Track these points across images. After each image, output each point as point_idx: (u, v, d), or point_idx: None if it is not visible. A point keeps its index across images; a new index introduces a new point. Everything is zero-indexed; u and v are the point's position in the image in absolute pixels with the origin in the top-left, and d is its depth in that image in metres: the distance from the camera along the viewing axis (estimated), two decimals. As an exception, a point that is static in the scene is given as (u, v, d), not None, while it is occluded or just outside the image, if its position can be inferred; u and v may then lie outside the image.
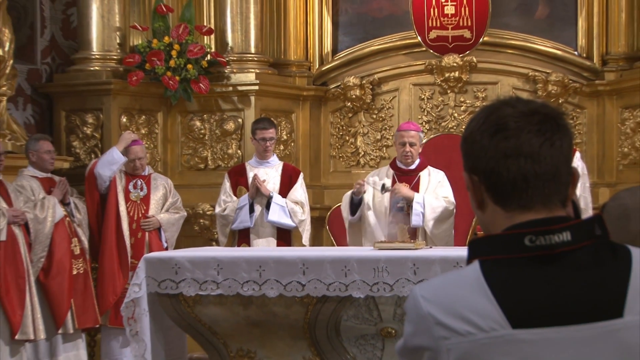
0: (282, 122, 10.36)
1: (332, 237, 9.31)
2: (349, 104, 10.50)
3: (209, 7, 10.39)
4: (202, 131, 10.20)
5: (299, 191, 8.78)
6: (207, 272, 6.44)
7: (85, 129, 9.94)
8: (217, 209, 8.79)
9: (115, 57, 10.01)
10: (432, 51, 10.27)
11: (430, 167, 8.32)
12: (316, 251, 7.20)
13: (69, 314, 8.84)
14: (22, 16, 10.16)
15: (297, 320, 6.48)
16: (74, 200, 9.08)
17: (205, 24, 10.25)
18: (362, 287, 6.33)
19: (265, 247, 8.47)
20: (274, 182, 8.77)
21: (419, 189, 8.18)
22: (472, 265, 1.96)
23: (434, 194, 8.15)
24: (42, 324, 8.58)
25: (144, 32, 10.11)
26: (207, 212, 9.93)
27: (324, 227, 9.66)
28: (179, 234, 9.31)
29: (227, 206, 8.70)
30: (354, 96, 10.45)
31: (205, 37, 10.18)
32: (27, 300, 8.48)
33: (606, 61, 10.21)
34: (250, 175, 8.73)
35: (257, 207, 8.66)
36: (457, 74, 10.27)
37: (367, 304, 6.45)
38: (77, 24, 10.25)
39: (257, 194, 8.65)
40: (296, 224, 8.67)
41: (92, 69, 9.98)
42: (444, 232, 8.01)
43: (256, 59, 10.24)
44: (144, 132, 9.97)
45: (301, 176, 8.91)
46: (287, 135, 10.42)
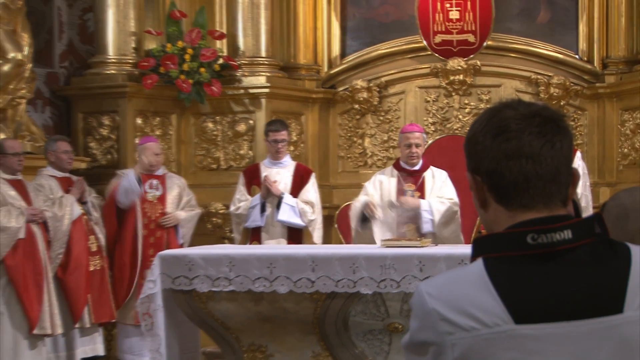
0: (292, 124, 10.36)
1: (340, 235, 9.31)
2: (357, 106, 10.50)
3: (221, 12, 10.39)
4: (215, 132, 10.21)
5: (310, 191, 8.78)
6: (220, 269, 6.45)
7: (101, 130, 9.95)
8: (231, 208, 8.82)
9: (130, 61, 10.02)
10: (437, 55, 10.26)
11: (433, 167, 8.32)
12: (325, 249, 7.21)
13: (85, 309, 8.86)
14: (40, 21, 10.18)
15: (307, 315, 6.48)
16: (91, 199, 9.10)
17: (217, 29, 10.26)
18: (370, 283, 6.34)
19: (275, 245, 8.47)
20: (286, 182, 8.77)
21: (424, 189, 8.17)
22: (476, 262, 1.96)
23: (440, 194, 8.15)
24: (59, 319, 8.60)
25: (158, 37, 10.13)
26: (220, 211, 9.94)
27: (333, 225, 9.66)
28: (192, 233, 9.34)
29: (241, 205, 8.72)
30: (362, 98, 10.44)
31: (217, 41, 10.19)
32: (45, 296, 8.50)
33: (606, 64, 10.19)
34: (263, 175, 8.74)
35: (268, 206, 8.67)
36: (461, 77, 10.26)
37: (374, 300, 6.45)
38: (93, 29, 10.27)
39: (268, 194, 8.65)
40: (306, 223, 8.67)
41: (108, 72, 10.00)
42: (452, 233, 8.04)
43: (267, 62, 10.25)
44: (158, 133, 9.98)
45: (313, 176, 8.90)
46: (297, 136, 10.42)
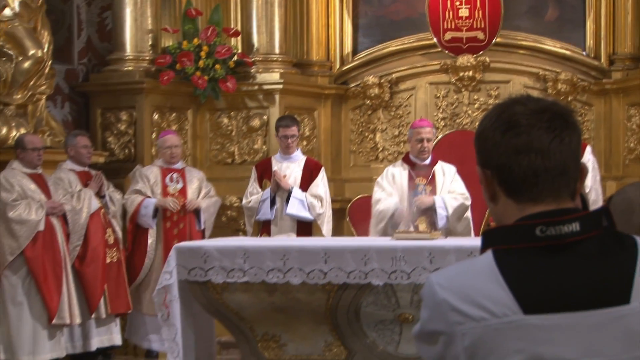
0: (305, 119, 10.36)
1: (352, 228, 9.31)
2: (368, 101, 10.49)
3: (235, 10, 10.39)
4: (230, 127, 10.22)
5: (319, 185, 8.78)
6: (234, 261, 6.46)
7: (119, 125, 9.97)
8: (244, 201, 8.86)
9: (147, 58, 10.03)
10: (447, 52, 10.25)
11: (441, 162, 8.32)
12: (337, 241, 7.21)
13: (102, 300, 8.88)
14: (60, 19, 10.20)
15: (319, 306, 6.49)
16: (109, 193, 9.12)
17: (232, 27, 10.26)
18: (381, 275, 6.34)
19: (284, 237, 8.49)
20: (296, 176, 8.78)
21: (435, 183, 8.18)
22: (486, 254, 1.96)
23: (451, 188, 8.16)
24: (78, 310, 8.62)
25: (174, 34, 10.13)
26: (234, 204, 9.95)
27: (345, 218, 9.66)
28: (213, 220, 9.35)
29: (252, 198, 8.74)
30: (373, 94, 10.44)
31: (232, 38, 10.19)
32: (64, 286, 8.52)
33: (613, 61, 10.17)
34: (274, 169, 8.75)
35: (278, 200, 8.69)
36: (471, 74, 10.24)
37: (385, 291, 6.45)
38: (111, 26, 10.28)
39: (278, 187, 8.67)
40: (314, 217, 8.68)
41: (125, 69, 10.01)
42: (465, 227, 8.05)
43: (280, 59, 10.25)
44: (174, 128, 10.00)
45: (322, 171, 8.90)
46: (310, 131, 10.42)
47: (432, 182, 8.20)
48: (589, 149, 8.44)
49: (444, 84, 10.40)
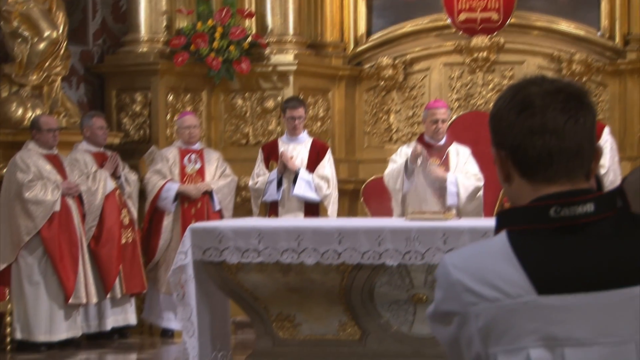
0: (319, 100, 10.36)
1: (366, 209, 9.32)
2: (383, 83, 10.47)
3: (250, -9, 10.38)
4: (244, 109, 10.22)
5: (326, 167, 8.81)
6: (249, 241, 6.46)
7: (134, 106, 9.99)
8: (250, 182, 8.88)
9: (162, 39, 10.04)
10: (461, 32, 10.22)
11: (456, 143, 8.31)
12: (351, 221, 7.22)
13: (117, 280, 8.92)
14: (74, 1, 10.20)
15: (334, 286, 6.50)
16: (124, 173, 9.15)
17: (246, 8, 10.24)
18: (395, 255, 6.34)
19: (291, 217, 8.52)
20: (302, 157, 8.80)
21: (449, 164, 8.17)
22: (500, 235, 1.96)
23: (464, 170, 8.15)
24: (93, 290, 8.66)
25: (189, 16, 10.13)
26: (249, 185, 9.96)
27: (359, 199, 9.66)
28: (231, 199, 9.36)
29: (259, 179, 8.77)
30: (387, 75, 10.42)
31: (246, 20, 10.18)
32: (80, 267, 8.56)
33: (628, 41, 10.12)
34: (280, 150, 8.77)
35: (285, 181, 8.71)
36: (485, 54, 10.21)
37: (399, 272, 6.45)
38: (126, 8, 10.28)
39: (285, 169, 8.69)
40: (321, 198, 8.71)
41: (140, 50, 10.02)
42: (475, 208, 8.04)
43: (294, 40, 10.24)
44: (189, 109, 10.01)
45: (329, 152, 8.92)
46: (324, 112, 10.41)
47: (445, 162, 8.19)
48: (607, 130, 8.42)
49: (458, 64, 10.38)
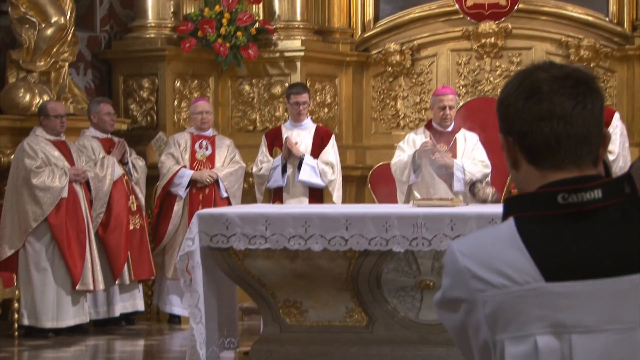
0: (326, 87, 10.35)
1: (373, 195, 9.32)
2: (390, 68, 10.45)
3: (257, -23, 10.35)
4: (251, 95, 10.22)
5: (330, 152, 8.83)
6: (256, 228, 6.47)
7: (141, 92, 9.99)
8: (254, 169, 8.91)
9: (169, 25, 10.03)
10: (469, 18, 10.19)
11: (464, 130, 8.31)
12: (358, 208, 7.22)
13: (125, 266, 8.93)
14: (82, -14, 10.19)
15: (341, 272, 6.50)
16: (132, 160, 9.15)
17: (253, -7, 10.22)
18: (402, 241, 6.34)
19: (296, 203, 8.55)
20: (307, 143, 8.82)
21: (456, 150, 8.18)
22: (507, 221, 1.95)
23: (471, 156, 8.15)
24: (101, 276, 8.67)
25: (196, 2, 10.12)
26: (256, 171, 9.97)
27: (366, 185, 9.66)
28: (238, 186, 9.35)
29: (263, 166, 8.80)
30: (395, 61, 10.39)
31: (254, 5, 10.16)
32: (87, 253, 8.57)
33: (636, 27, 10.09)
34: (285, 137, 8.78)
35: (289, 167, 8.73)
36: (492, 40, 10.18)
37: (406, 258, 6.45)
38: (133, -7, 10.27)
39: (290, 155, 8.71)
40: (326, 183, 8.73)
41: (147, 36, 10.02)
42: None
43: (302, 26, 10.22)
44: (196, 95, 10.01)
45: (332, 138, 8.95)
46: (331, 98, 10.40)
47: (453, 149, 8.19)
48: (617, 116, 8.40)
49: (465, 50, 10.35)
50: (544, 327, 1.88)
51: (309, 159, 8.72)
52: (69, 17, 9.28)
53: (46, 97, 9.07)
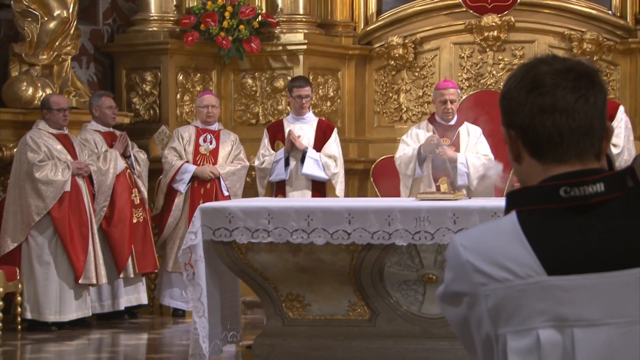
0: (329, 80, 10.34)
1: (376, 189, 9.31)
2: (393, 62, 10.44)
3: (259, -30, 10.35)
4: (254, 88, 10.21)
5: (333, 146, 8.84)
6: (259, 221, 6.47)
7: (144, 86, 9.99)
8: (256, 162, 8.91)
9: (172, 19, 10.03)
10: (471, 11, 10.18)
11: (467, 123, 8.31)
12: (361, 201, 7.21)
13: (129, 260, 8.94)
14: (84, -20, 10.18)
15: (343, 266, 6.50)
16: (134, 153, 9.15)
17: (256, -13, 10.22)
18: (405, 235, 6.33)
19: (303, 198, 8.55)
20: (309, 137, 8.83)
21: (459, 144, 8.17)
22: (510, 215, 1.95)
23: (474, 150, 8.15)
24: (103, 270, 8.68)
25: (198, -5, 10.11)
26: (259, 165, 9.96)
27: (369, 179, 9.66)
28: (240, 185, 9.36)
29: (265, 159, 8.80)
30: (397, 55, 10.38)
31: (256, -1, 10.16)
32: (90, 247, 8.57)
33: (639, 20, 10.07)
34: (287, 130, 8.79)
35: (292, 160, 8.74)
36: (495, 33, 10.17)
37: (409, 252, 6.45)
38: (136, -13, 10.27)
39: (292, 148, 8.71)
40: (329, 176, 8.74)
41: (150, 29, 10.01)
42: (486, 188, 8.04)
43: (304, 19, 10.21)
44: (199, 89, 10.01)
45: (335, 131, 8.96)
46: (334, 92, 10.39)
47: (456, 142, 8.18)
48: (621, 109, 8.39)
49: (468, 44, 10.34)
50: (546, 320, 1.88)
51: (312, 152, 8.73)
52: (71, 10, 9.27)
53: (49, 91, 9.06)
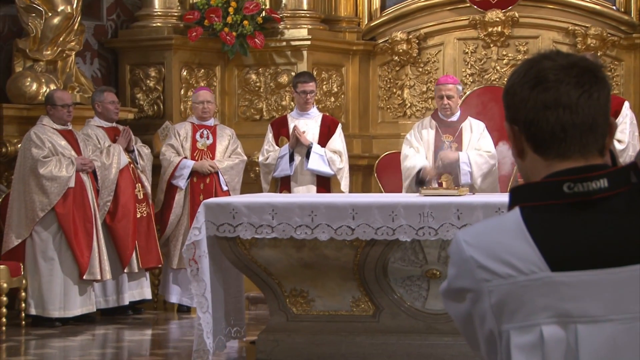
0: (333, 76, 10.33)
1: (379, 184, 9.31)
2: (396, 57, 10.43)
3: (263, -34, 10.34)
4: (258, 84, 10.21)
5: (337, 141, 8.84)
6: (263, 217, 6.47)
7: (148, 81, 9.99)
8: (260, 158, 8.91)
9: (175, 14, 10.02)
10: (475, 7, 10.16)
11: (470, 118, 8.30)
12: (365, 197, 7.21)
13: (133, 255, 8.94)
14: (88, -25, 10.18)
15: (347, 262, 6.50)
16: (137, 148, 9.15)
17: (260, -18, 10.21)
18: (409, 231, 6.33)
19: (307, 193, 8.55)
20: (314, 132, 8.83)
21: (462, 139, 8.17)
22: (513, 211, 1.95)
23: (477, 146, 8.13)
24: (108, 265, 8.69)
25: (202, -10, 10.10)
26: (262, 161, 9.96)
27: (373, 174, 9.65)
28: (239, 180, 9.37)
29: (269, 155, 8.80)
30: (401, 50, 10.37)
31: (260, -6, 10.15)
32: (95, 243, 8.58)
33: (643, 15, 10.06)
34: (291, 126, 8.79)
35: (297, 156, 8.74)
36: (499, 29, 10.16)
37: (413, 247, 6.45)
38: (139, -18, 10.26)
39: (297, 143, 8.72)
40: (334, 172, 8.74)
41: (154, 25, 10.01)
42: (490, 185, 8.04)
43: (308, 15, 10.21)
44: (202, 84, 10.00)
45: (339, 127, 8.96)
46: (338, 87, 10.39)
47: (458, 138, 8.18)
48: (627, 105, 8.38)
49: (472, 39, 10.33)
50: (550, 317, 1.88)
51: (317, 148, 8.73)
52: (75, 5, 9.27)
53: (53, 86, 9.07)
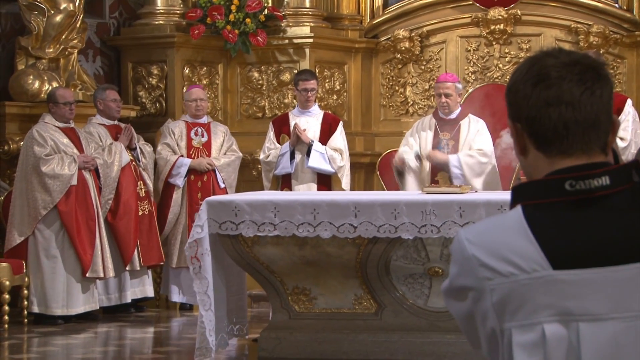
0: (335, 73, 10.33)
1: (382, 182, 9.31)
2: (399, 55, 10.43)
3: (266, -37, 10.34)
4: (260, 82, 10.21)
5: (339, 139, 8.84)
6: (265, 215, 6.46)
7: (150, 79, 9.98)
8: (261, 156, 8.92)
9: (178, 12, 10.02)
10: (478, 5, 10.15)
11: (470, 116, 8.29)
12: (367, 195, 7.20)
13: (135, 252, 8.94)
14: (90, -27, 10.17)
15: (350, 260, 6.49)
16: (139, 145, 9.15)
17: (262, -20, 10.20)
18: (411, 229, 6.32)
19: (307, 191, 8.56)
20: (315, 130, 8.84)
21: (459, 138, 8.16)
22: (515, 209, 1.94)
23: (472, 143, 8.11)
24: (111, 263, 8.69)
25: (205, -12, 10.10)
26: (265, 158, 9.96)
27: (375, 172, 9.65)
28: (238, 179, 9.38)
29: (271, 153, 8.80)
30: (404, 48, 10.37)
31: (262, -8, 10.14)
32: (97, 241, 8.58)
33: (646, 13, 10.05)
34: (292, 124, 8.79)
35: (297, 154, 8.75)
36: (502, 27, 10.15)
37: (415, 245, 6.44)
38: (142, -20, 10.26)
39: (298, 141, 8.72)
40: (335, 169, 8.74)
41: (156, 23, 10.00)
42: (487, 184, 8.01)
43: (311, 13, 10.20)
44: (205, 82, 10.01)
45: (340, 124, 8.96)
46: (340, 85, 10.38)
47: (456, 136, 8.17)
48: (629, 102, 8.37)
49: (474, 37, 10.32)
50: (552, 315, 1.87)
51: (317, 146, 8.73)
52: (77, 3, 9.27)
53: (55, 84, 9.07)
